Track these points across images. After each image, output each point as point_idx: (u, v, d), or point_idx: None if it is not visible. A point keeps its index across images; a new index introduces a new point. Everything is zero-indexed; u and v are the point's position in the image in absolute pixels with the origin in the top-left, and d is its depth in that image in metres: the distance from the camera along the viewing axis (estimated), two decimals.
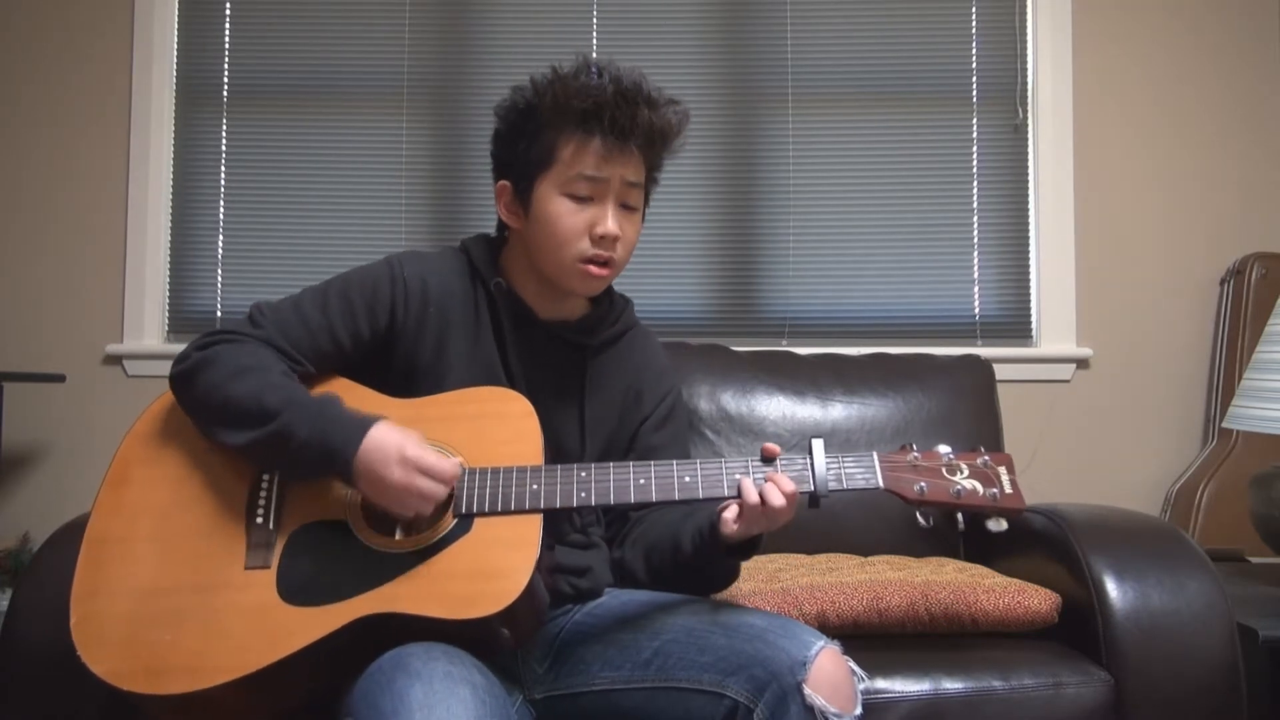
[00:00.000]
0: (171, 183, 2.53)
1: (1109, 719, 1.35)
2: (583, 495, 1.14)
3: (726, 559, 1.21)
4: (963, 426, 1.95)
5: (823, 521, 1.79)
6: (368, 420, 1.12)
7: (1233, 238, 2.47)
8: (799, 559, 1.75)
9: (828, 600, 1.48)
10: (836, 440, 1.92)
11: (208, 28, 2.56)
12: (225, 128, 2.55)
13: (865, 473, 1.15)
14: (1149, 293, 2.48)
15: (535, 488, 1.13)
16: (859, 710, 1.08)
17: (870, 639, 1.45)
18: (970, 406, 2.00)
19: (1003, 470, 1.17)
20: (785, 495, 1.10)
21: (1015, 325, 2.50)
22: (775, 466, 1.15)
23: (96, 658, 1.06)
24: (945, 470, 1.16)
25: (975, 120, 2.52)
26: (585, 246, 1.24)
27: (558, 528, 1.27)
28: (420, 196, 2.53)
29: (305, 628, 1.06)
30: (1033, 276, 2.49)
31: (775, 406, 1.97)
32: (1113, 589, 1.42)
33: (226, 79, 2.56)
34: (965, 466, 1.17)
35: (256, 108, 2.56)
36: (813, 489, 1.14)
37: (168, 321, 2.52)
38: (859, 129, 2.52)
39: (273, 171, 2.54)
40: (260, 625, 1.07)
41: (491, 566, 1.08)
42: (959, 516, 1.15)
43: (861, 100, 2.53)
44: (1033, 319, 2.49)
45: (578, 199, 1.24)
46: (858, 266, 2.50)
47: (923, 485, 1.14)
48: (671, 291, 2.51)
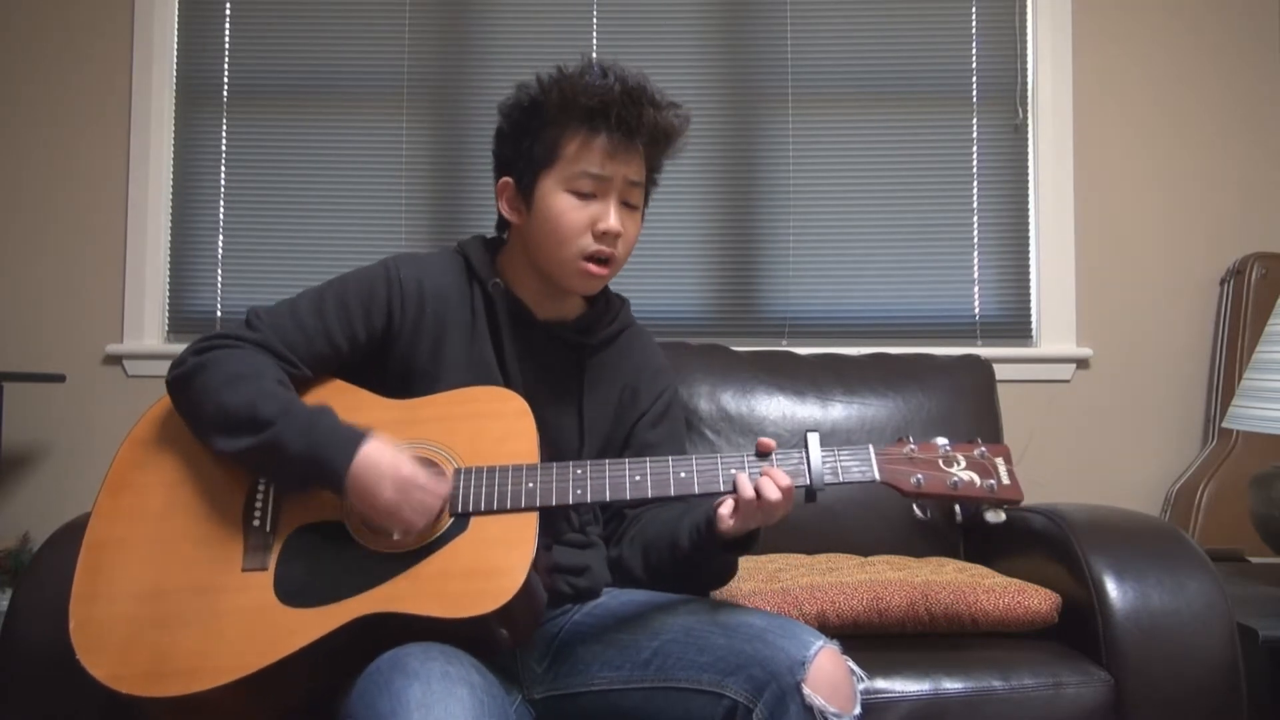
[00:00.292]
0: (171, 183, 2.53)
1: (1109, 719, 1.35)
2: (578, 493, 1.14)
3: (724, 555, 1.21)
4: (963, 426, 1.95)
5: (822, 521, 1.80)
6: (360, 435, 1.11)
7: (1233, 238, 2.47)
8: (799, 559, 1.75)
9: (828, 600, 1.48)
10: (836, 440, 1.92)
11: (208, 28, 2.56)
12: (225, 128, 2.55)
13: (861, 465, 1.15)
14: (1149, 293, 2.48)
15: (531, 486, 1.13)
16: (858, 710, 1.08)
17: (870, 639, 1.45)
18: (970, 406, 2.00)
19: (1000, 461, 1.17)
20: (781, 489, 1.10)
21: (1015, 325, 2.50)
22: (770, 461, 1.14)
23: (96, 661, 1.06)
24: (942, 462, 1.16)
25: (975, 120, 2.52)
26: (587, 243, 1.24)
27: (555, 527, 1.27)
28: (420, 196, 2.53)
29: (303, 629, 1.06)
30: (1033, 276, 2.49)
31: (775, 406, 1.97)
32: (1113, 589, 1.42)
33: (226, 79, 2.56)
34: (962, 458, 1.16)
35: (256, 108, 2.56)
36: (809, 483, 1.13)
37: (168, 321, 2.52)
38: (859, 129, 2.52)
39: (273, 171, 2.54)
40: (258, 627, 1.07)
41: (488, 565, 1.08)
42: (957, 508, 1.14)
43: (861, 100, 2.52)
44: (1033, 319, 2.49)
45: (581, 196, 1.24)
46: (858, 266, 2.50)
47: (919, 477, 1.14)
48: (671, 291, 2.51)
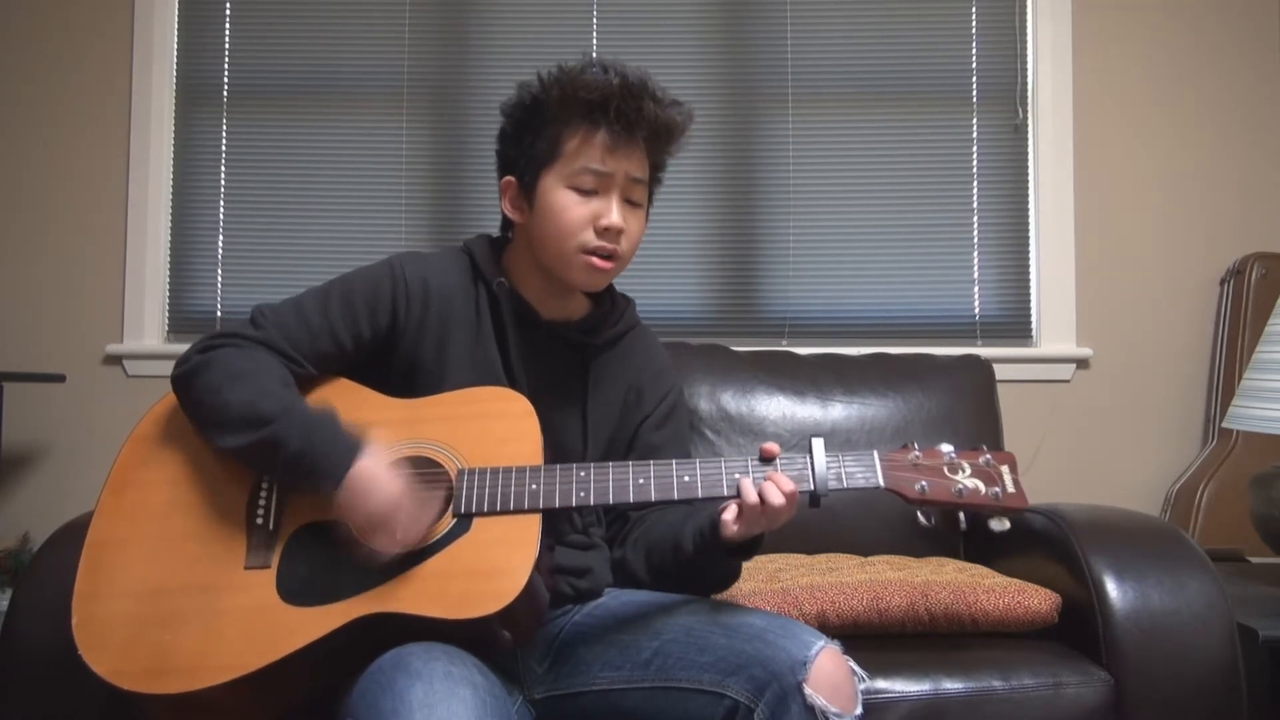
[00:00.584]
0: (171, 183, 2.53)
1: (1109, 719, 1.35)
2: (582, 495, 1.14)
3: (727, 559, 1.21)
4: (963, 426, 1.95)
5: (823, 521, 1.79)
6: (358, 445, 1.11)
7: (1233, 238, 2.47)
8: (799, 559, 1.75)
9: (828, 600, 1.48)
10: (837, 440, 1.92)
11: (208, 28, 2.56)
12: (225, 128, 2.55)
13: (866, 472, 1.15)
14: (1149, 293, 2.48)
15: (534, 487, 1.13)
16: (859, 710, 1.08)
17: (870, 639, 1.45)
18: (970, 406, 2.00)
19: (1005, 469, 1.17)
20: (785, 495, 1.10)
21: (1015, 325, 2.50)
22: (775, 466, 1.14)
23: (98, 658, 1.06)
24: (947, 469, 1.16)
25: (975, 120, 2.52)
26: (589, 238, 1.24)
27: (558, 528, 1.27)
28: (420, 196, 2.53)
29: (305, 628, 1.06)
30: (1033, 276, 2.49)
31: (775, 406, 1.97)
32: (1113, 589, 1.42)
33: (226, 79, 2.56)
34: (967, 465, 1.16)
35: (256, 108, 2.56)
36: (813, 488, 1.13)
37: (168, 321, 2.52)
38: (859, 129, 2.52)
39: (273, 171, 2.54)
40: (260, 625, 1.07)
41: (490, 566, 1.08)
42: (961, 516, 1.14)
43: (861, 100, 2.53)
44: (1033, 319, 2.49)
45: (583, 192, 1.24)
46: (858, 266, 2.50)
47: (924, 484, 1.14)
48: (671, 291, 2.51)
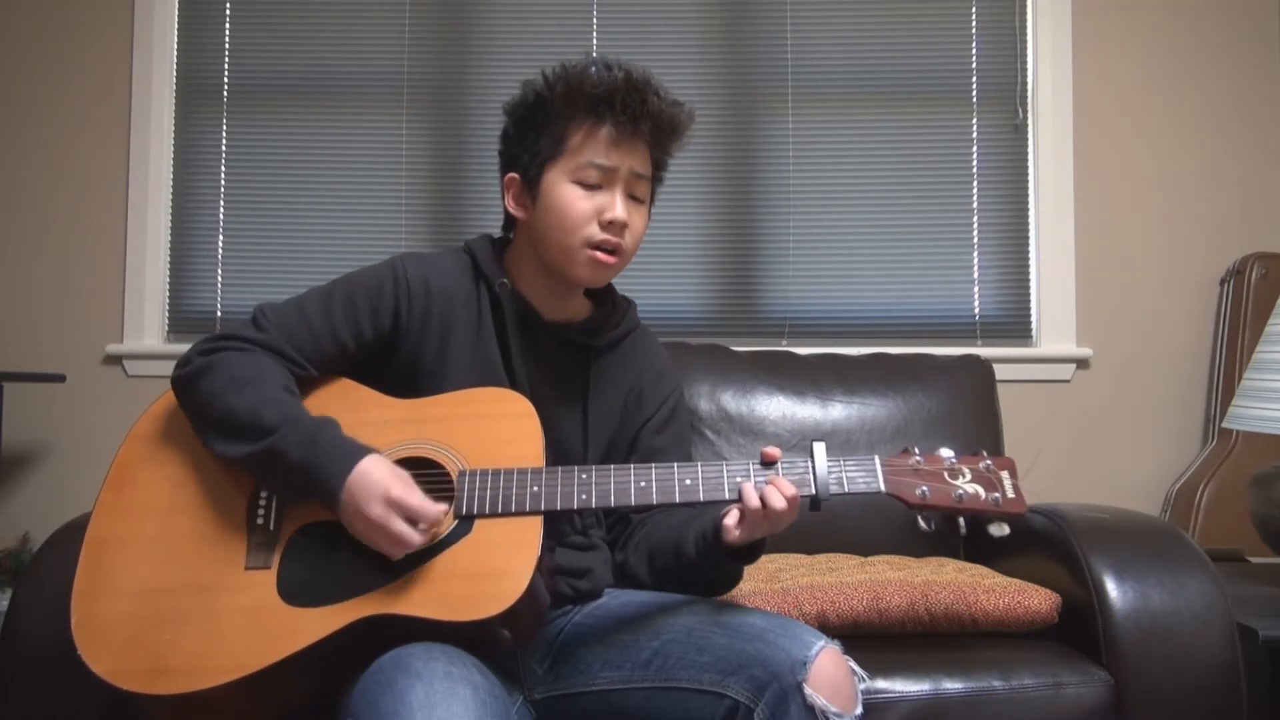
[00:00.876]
0: (171, 183, 2.53)
1: (1109, 719, 1.35)
2: (583, 497, 1.14)
3: (729, 563, 1.21)
4: (963, 427, 1.95)
5: (823, 522, 1.78)
6: (359, 452, 1.10)
7: (1233, 238, 2.47)
8: (799, 559, 1.76)
9: (828, 600, 1.48)
10: (837, 440, 1.92)
11: (208, 28, 2.56)
12: (225, 128, 2.55)
13: (867, 476, 1.15)
14: (1149, 293, 2.48)
15: (536, 489, 1.13)
16: (859, 710, 1.08)
17: (870, 639, 1.45)
18: (970, 407, 2.00)
19: (1005, 474, 1.17)
20: (786, 499, 1.10)
21: (1015, 325, 2.50)
22: (776, 470, 1.14)
23: (98, 658, 1.06)
24: (947, 474, 1.16)
25: (975, 120, 2.52)
26: (594, 232, 1.24)
27: (558, 529, 1.27)
28: (420, 196, 2.53)
29: (305, 628, 1.06)
30: (1033, 276, 2.49)
31: (775, 406, 1.97)
32: (1113, 589, 1.42)
33: (226, 79, 2.56)
34: (968, 470, 1.16)
35: (256, 108, 2.56)
36: (814, 493, 1.13)
37: (168, 321, 2.52)
38: (859, 129, 2.52)
39: (273, 171, 2.54)
40: (261, 626, 1.07)
41: (492, 568, 1.08)
42: (961, 521, 1.15)
43: (861, 100, 2.53)
44: (1033, 319, 2.49)
45: (587, 186, 1.25)
46: (858, 266, 2.50)
47: (925, 489, 1.14)
48: (671, 291, 2.51)
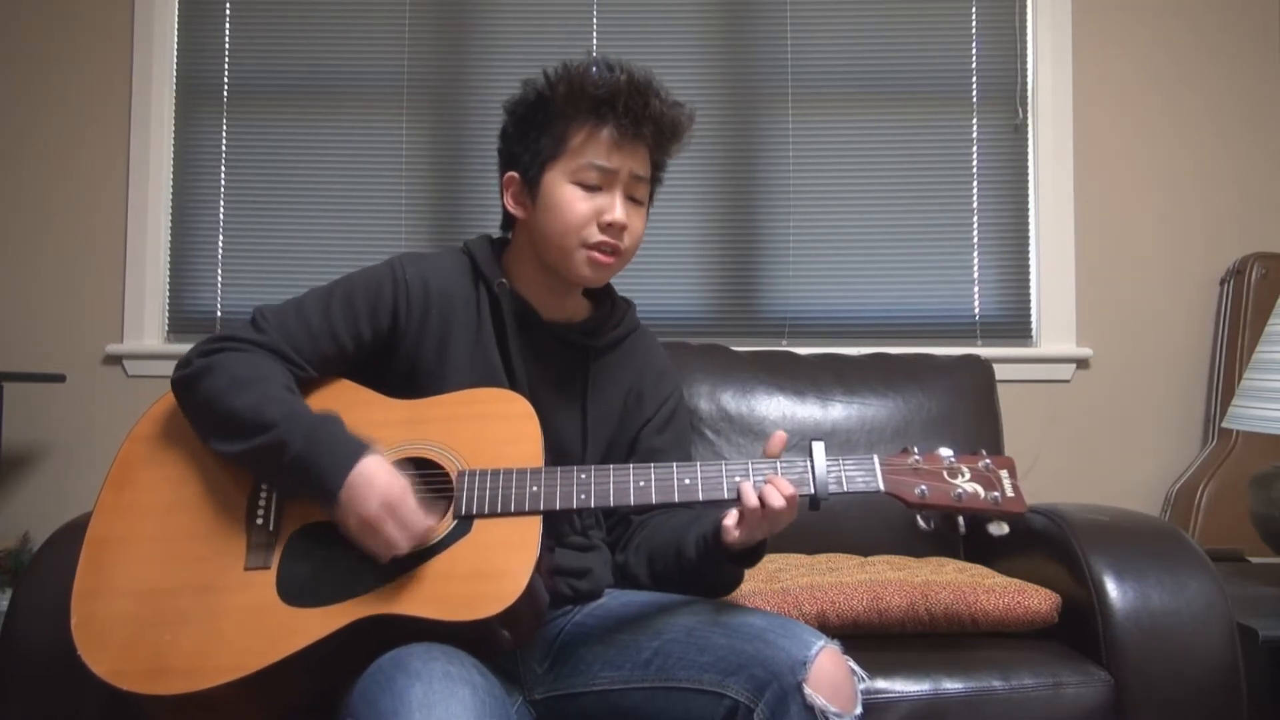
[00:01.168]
0: (171, 183, 2.53)
1: (1109, 719, 1.35)
2: (582, 497, 1.14)
3: (730, 566, 1.21)
4: (963, 427, 1.95)
5: (823, 521, 1.78)
6: (362, 450, 1.10)
7: (1233, 238, 2.47)
8: (799, 559, 1.75)
9: (828, 600, 1.48)
10: (837, 440, 1.92)
11: (208, 28, 2.56)
12: (225, 128, 2.55)
13: (866, 475, 1.15)
14: (1149, 293, 2.48)
15: (535, 489, 1.13)
16: (859, 710, 1.08)
17: (870, 639, 1.45)
18: (970, 406, 2.00)
19: (1004, 474, 1.17)
20: (785, 497, 1.10)
21: (1015, 325, 2.50)
22: (775, 469, 1.14)
23: (98, 658, 1.06)
24: (946, 473, 1.16)
25: (975, 120, 2.52)
26: (592, 233, 1.24)
27: (557, 529, 1.27)
28: (420, 196, 2.53)
29: (305, 628, 1.06)
30: (1033, 276, 2.49)
31: (775, 406, 1.97)
32: (1113, 589, 1.42)
33: (226, 79, 2.56)
34: (967, 469, 1.16)
35: (256, 108, 2.56)
36: (813, 492, 1.13)
37: (168, 321, 2.52)
38: (859, 129, 2.52)
39: (273, 171, 2.54)
40: (260, 626, 1.07)
41: (491, 568, 1.08)
42: (960, 520, 1.15)
43: (861, 100, 2.53)
44: (1033, 319, 2.49)
45: (587, 188, 1.25)
46: (858, 266, 2.50)
47: (924, 488, 1.14)
48: (671, 291, 2.51)
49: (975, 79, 2.52)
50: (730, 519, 1.13)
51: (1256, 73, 2.51)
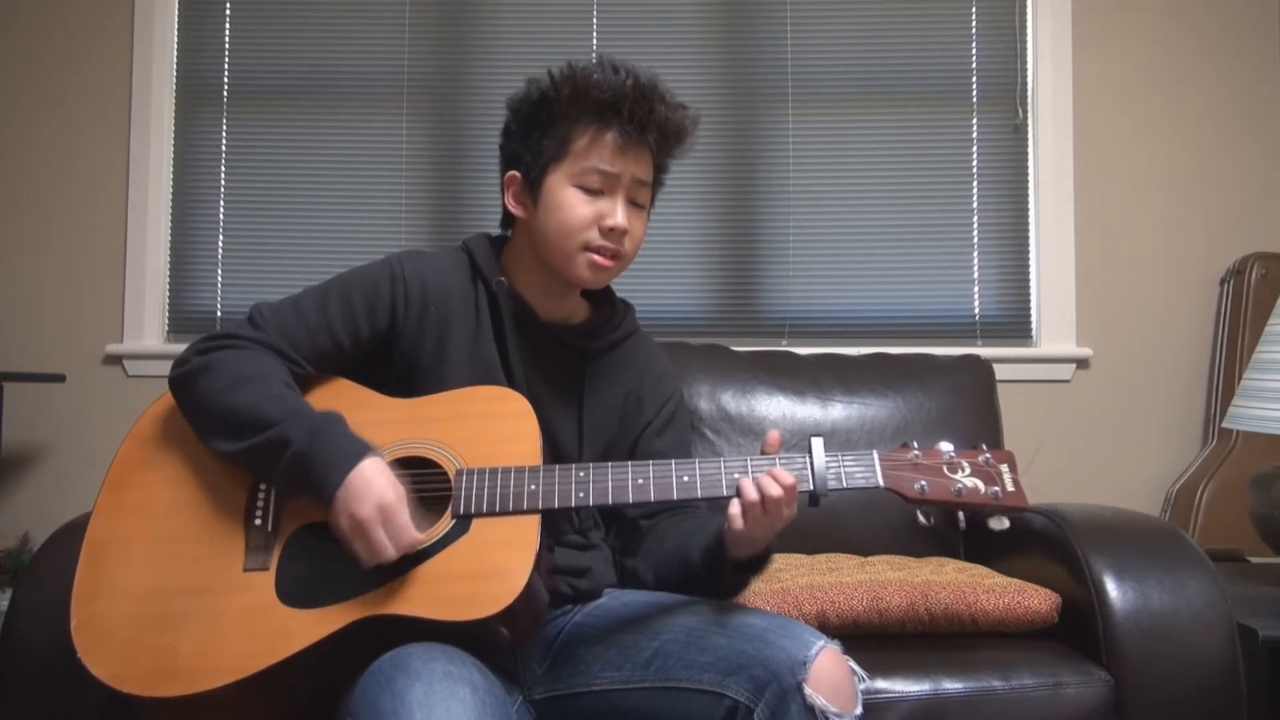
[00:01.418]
0: (171, 183, 2.53)
1: (1109, 719, 1.35)
2: (581, 495, 1.13)
3: (735, 575, 1.21)
4: (963, 426, 1.95)
5: (823, 521, 1.80)
6: (363, 450, 1.10)
7: (1233, 238, 2.47)
8: (799, 559, 1.75)
9: (828, 600, 1.48)
10: (837, 440, 1.92)
11: (208, 28, 2.56)
12: (225, 128, 2.55)
13: (865, 471, 1.14)
14: (1149, 293, 2.48)
15: (534, 488, 1.13)
16: (859, 710, 1.08)
17: (870, 639, 1.45)
18: (970, 406, 2.00)
19: (1004, 468, 1.16)
20: (784, 487, 1.09)
21: (1015, 325, 2.50)
22: (774, 463, 1.14)
23: (97, 661, 1.06)
24: (946, 468, 1.15)
25: (975, 120, 2.52)
26: (593, 237, 1.24)
27: (557, 528, 1.27)
28: (420, 196, 2.53)
29: (304, 629, 1.06)
30: (1033, 276, 2.49)
31: (775, 406, 1.97)
32: (1113, 589, 1.42)
33: (226, 79, 2.56)
34: (967, 464, 1.16)
35: (256, 108, 2.56)
36: (812, 488, 1.13)
37: (168, 321, 2.52)
38: (859, 129, 2.52)
39: (273, 171, 2.54)
40: (260, 627, 1.07)
41: (490, 567, 1.08)
42: (960, 515, 1.14)
43: (861, 100, 2.53)
44: (1033, 319, 2.49)
45: (588, 191, 1.24)
46: (858, 266, 2.50)
47: (923, 484, 1.14)
48: (671, 291, 2.51)
49: (975, 79, 2.52)
50: (735, 508, 1.12)
51: (1256, 73, 2.51)
